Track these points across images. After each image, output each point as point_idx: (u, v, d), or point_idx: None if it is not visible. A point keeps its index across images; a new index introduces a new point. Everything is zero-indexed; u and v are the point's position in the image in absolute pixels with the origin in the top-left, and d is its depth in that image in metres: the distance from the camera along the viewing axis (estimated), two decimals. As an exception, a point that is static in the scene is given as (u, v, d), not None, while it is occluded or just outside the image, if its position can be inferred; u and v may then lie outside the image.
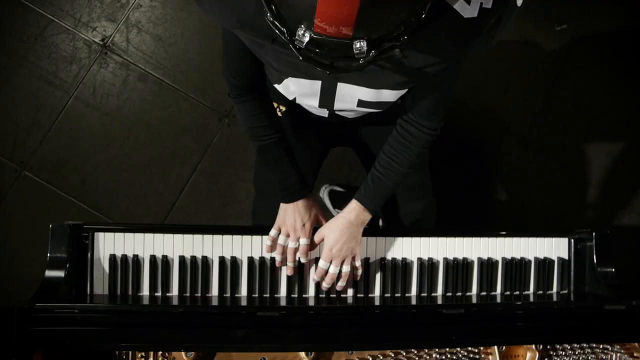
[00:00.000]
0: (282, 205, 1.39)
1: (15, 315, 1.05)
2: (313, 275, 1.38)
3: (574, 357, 1.29)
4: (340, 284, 1.37)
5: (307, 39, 0.84)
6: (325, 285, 1.37)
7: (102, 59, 2.33)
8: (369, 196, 1.37)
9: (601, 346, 1.30)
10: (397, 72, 1.12)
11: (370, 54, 0.86)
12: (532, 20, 2.53)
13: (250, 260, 1.35)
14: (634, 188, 2.53)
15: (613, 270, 1.45)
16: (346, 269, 1.36)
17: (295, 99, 1.36)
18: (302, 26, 0.84)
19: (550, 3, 2.55)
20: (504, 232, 1.48)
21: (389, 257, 1.41)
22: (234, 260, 1.35)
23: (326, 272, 1.36)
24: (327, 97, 1.26)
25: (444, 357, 1.22)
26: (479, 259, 1.46)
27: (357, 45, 0.84)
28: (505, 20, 1.05)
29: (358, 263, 1.38)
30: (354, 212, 1.37)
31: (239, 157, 2.32)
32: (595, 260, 1.46)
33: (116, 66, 2.33)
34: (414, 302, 1.38)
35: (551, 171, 2.49)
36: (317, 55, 0.87)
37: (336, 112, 1.38)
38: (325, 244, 1.37)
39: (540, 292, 1.49)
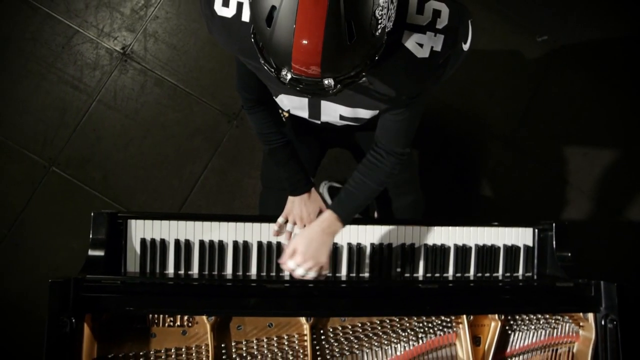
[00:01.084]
0: (290, 198, 1.61)
1: (72, 285, 1.28)
2: (283, 266, 1.50)
3: (531, 326, 1.53)
4: (300, 275, 1.48)
5: (289, 77, 1.08)
6: (293, 275, 1.50)
7: (123, 66, 2.54)
8: (342, 208, 1.52)
9: (554, 317, 1.53)
10: (368, 96, 1.34)
11: (337, 87, 1.09)
12: (516, 32, 2.70)
13: (259, 244, 1.59)
14: (608, 185, 2.68)
15: (569, 254, 1.67)
16: (312, 275, 1.47)
17: (289, 110, 1.59)
18: (285, 68, 1.07)
19: (532, 16, 2.71)
20: (477, 222, 1.71)
21: (377, 243, 1.64)
22: (245, 244, 1.58)
23: (292, 271, 1.48)
24: (314, 111, 1.49)
25: (421, 324, 1.46)
26: (455, 245, 1.69)
27: (326, 82, 1.08)
28: (453, 61, 1.27)
29: (324, 272, 1.48)
30: (327, 221, 1.51)
31: (246, 156, 2.51)
32: (554, 247, 1.69)
33: (135, 72, 2.54)
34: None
35: (532, 170, 2.65)
36: (299, 87, 1.10)
37: (325, 123, 1.61)
38: (298, 249, 1.47)
39: (508, 274, 1.71)
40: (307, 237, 1.48)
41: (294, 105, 1.51)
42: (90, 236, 1.49)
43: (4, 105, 2.46)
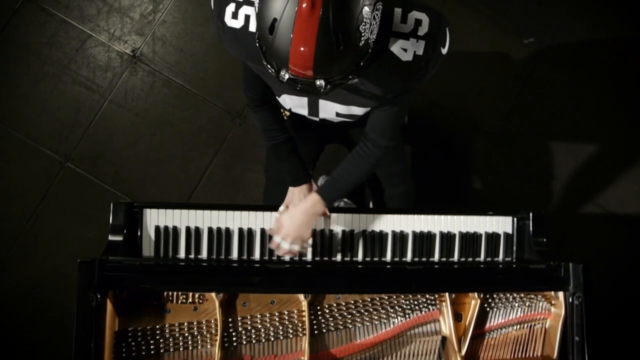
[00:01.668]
0: (291, 189, 1.78)
1: (97, 265, 1.45)
2: (270, 245, 1.70)
3: (508, 304, 1.69)
4: (285, 250, 1.69)
5: (287, 77, 1.25)
6: (277, 253, 1.70)
7: (133, 67, 2.71)
8: (327, 191, 1.70)
9: (528, 296, 1.69)
10: (360, 95, 1.51)
11: (328, 87, 1.26)
12: (503, 34, 2.85)
13: (262, 230, 1.76)
14: (589, 179, 2.82)
15: (544, 240, 1.83)
16: (296, 248, 1.68)
17: (291, 109, 1.76)
18: (283, 70, 1.25)
19: (519, 19, 2.86)
20: (461, 211, 1.87)
21: (370, 230, 1.81)
22: (250, 230, 1.75)
23: (278, 246, 1.68)
24: (313, 109, 1.66)
25: (408, 302, 1.62)
26: (441, 233, 1.85)
27: (318, 83, 1.25)
28: (433, 64, 1.44)
29: (305, 245, 1.69)
30: (310, 202, 1.68)
31: (249, 152, 2.67)
32: (531, 234, 1.85)
33: (144, 74, 2.71)
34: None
35: (518, 164, 2.80)
36: (293, 84, 1.28)
37: (324, 120, 1.78)
38: (284, 224, 1.67)
39: (489, 259, 1.87)
40: (292, 216, 1.67)
41: (295, 104, 1.67)
42: (110, 223, 1.66)
43: (23, 104, 2.63)
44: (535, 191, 2.81)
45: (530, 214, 1.86)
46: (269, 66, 1.28)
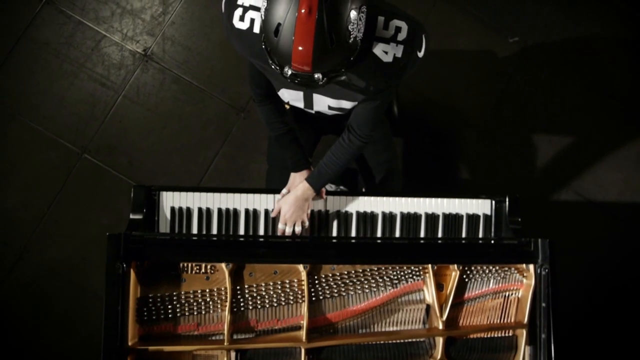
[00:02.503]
0: (292, 174, 1.99)
1: (122, 238, 1.66)
2: (278, 232, 1.96)
3: (484, 276, 1.89)
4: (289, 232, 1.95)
5: (289, 73, 1.47)
6: (279, 234, 1.95)
7: (144, 65, 2.91)
8: (314, 179, 1.94)
9: (503, 269, 1.89)
10: (349, 89, 1.72)
11: (324, 80, 1.48)
12: (489, 33, 3.01)
13: (266, 210, 1.97)
14: (570, 168, 2.99)
15: (519, 219, 2.04)
16: (297, 229, 1.94)
17: (289, 102, 1.97)
18: (286, 66, 1.46)
19: (505, 20, 3.03)
20: (444, 194, 2.08)
21: (362, 210, 2.02)
22: (255, 211, 1.96)
23: (283, 231, 1.95)
24: (308, 102, 1.88)
25: (395, 273, 1.83)
26: (425, 214, 2.06)
27: (316, 77, 1.47)
28: (411, 65, 1.66)
29: (305, 225, 1.95)
30: (300, 189, 1.93)
31: (252, 144, 2.86)
32: (507, 215, 2.06)
33: (155, 71, 2.91)
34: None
35: (502, 155, 2.96)
36: (294, 79, 1.49)
37: (319, 112, 1.99)
38: (281, 212, 1.94)
39: (472, 242, 2.08)
40: (287, 203, 1.93)
41: (292, 97, 1.88)
42: (132, 203, 1.87)
43: (43, 100, 2.83)
44: (518, 180, 2.98)
45: (507, 198, 2.07)
46: (273, 64, 1.50)
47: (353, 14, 1.43)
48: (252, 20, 1.63)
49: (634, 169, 3.02)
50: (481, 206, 2.10)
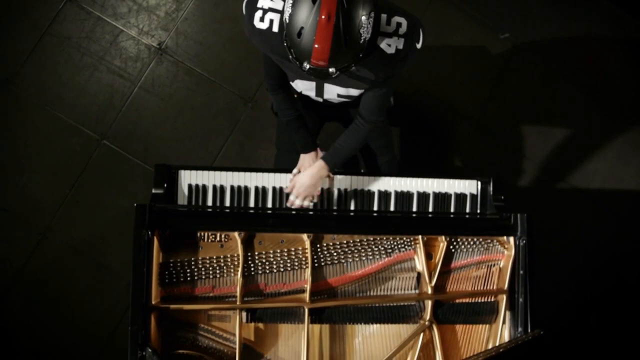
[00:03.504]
0: (302, 156, 2.21)
1: (147, 209, 1.87)
2: (288, 203, 2.17)
3: (469, 247, 2.10)
4: (298, 205, 2.16)
5: (307, 67, 1.70)
6: (288, 205, 2.16)
7: (159, 58, 3.11)
8: (330, 158, 2.15)
9: (486, 241, 2.10)
10: (357, 79, 1.94)
11: (337, 73, 1.71)
12: (482, 30, 3.19)
13: (274, 188, 2.18)
14: (557, 158, 3.16)
15: (502, 197, 2.24)
16: (306, 203, 2.15)
17: (301, 92, 2.19)
18: (306, 62, 1.68)
19: (496, 17, 3.20)
20: (434, 175, 2.28)
21: (359, 188, 2.23)
22: (264, 188, 2.18)
23: (293, 203, 2.16)
24: (319, 91, 2.09)
25: (389, 243, 2.04)
26: (417, 192, 2.27)
27: (331, 70, 1.70)
28: (411, 56, 1.87)
29: (315, 200, 2.16)
30: (316, 167, 2.14)
31: (259, 132, 3.05)
32: (491, 194, 2.27)
33: (169, 64, 3.11)
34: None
35: (493, 145, 3.13)
36: (313, 73, 1.71)
37: (327, 100, 2.21)
38: (296, 186, 2.14)
39: (458, 216, 2.29)
40: (302, 179, 2.13)
41: (305, 87, 2.10)
42: (153, 179, 2.08)
43: (66, 90, 3.04)
44: (508, 168, 3.15)
45: (491, 179, 2.27)
46: (294, 60, 1.73)
47: (364, 19, 1.67)
48: (271, 21, 1.86)
49: (616, 158, 3.19)
50: (468, 186, 2.30)
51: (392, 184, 2.25)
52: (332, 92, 2.10)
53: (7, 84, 3.02)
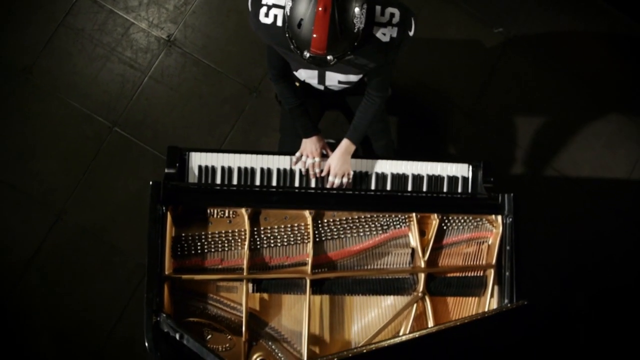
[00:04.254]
0: (304, 140, 2.35)
1: (162, 187, 2.02)
2: (326, 184, 2.34)
3: (459, 223, 2.25)
4: (338, 183, 2.33)
5: (308, 55, 1.85)
6: (328, 186, 2.33)
7: (168, 50, 3.26)
8: (352, 135, 2.32)
9: (476, 219, 2.25)
10: (355, 66, 2.09)
11: (335, 60, 1.86)
12: (476, 24, 3.31)
13: (278, 170, 2.34)
14: (548, 146, 3.27)
15: (492, 179, 2.39)
16: (345, 180, 2.32)
17: (304, 80, 2.34)
18: (306, 51, 1.84)
19: (490, 11, 3.33)
20: (428, 158, 2.43)
21: (358, 170, 2.38)
22: (269, 169, 2.33)
23: (333, 183, 2.32)
24: (321, 78, 2.25)
25: (385, 220, 2.20)
26: (412, 174, 2.41)
27: (329, 58, 1.86)
28: (405, 44, 2.03)
29: (350, 176, 2.33)
30: (344, 146, 2.32)
31: (264, 120, 3.19)
32: (481, 176, 2.42)
33: (177, 55, 3.26)
34: (371, 195, 2.35)
35: (485, 134, 3.25)
36: (312, 61, 1.87)
37: (328, 87, 2.36)
38: (332, 167, 2.32)
39: (450, 196, 2.44)
40: (335, 159, 2.32)
41: (308, 75, 2.26)
42: (166, 160, 2.23)
43: (79, 79, 3.18)
44: (500, 157, 3.27)
45: (482, 162, 2.42)
46: (295, 49, 1.88)
47: (357, 10, 1.83)
48: (275, 16, 2.02)
49: (604, 148, 3.33)
50: (460, 169, 2.44)
51: (388, 167, 2.40)
52: (333, 79, 2.25)
53: (24, 74, 3.17)
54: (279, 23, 2.01)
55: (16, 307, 3.05)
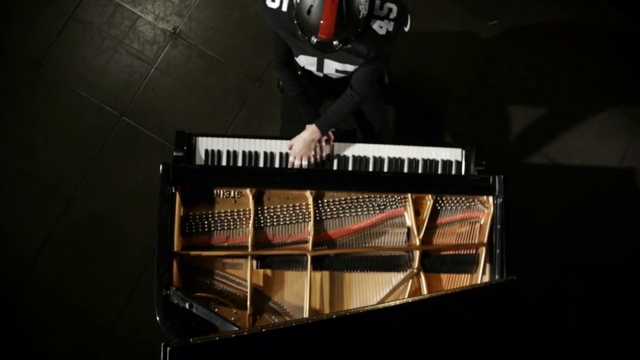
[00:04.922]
0: (307, 126, 2.44)
1: (172, 168, 2.14)
2: (289, 164, 2.43)
3: (453, 204, 2.37)
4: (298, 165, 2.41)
5: (315, 41, 1.96)
6: (289, 166, 2.42)
7: (174, 42, 3.38)
8: (321, 123, 2.40)
9: (468, 200, 2.37)
10: (352, 56, 2.21)
11: (340, 46, 1.97)
12: (471, 17, 3.41)
13: (281, 153, 2.45)
14: (542, 136, 3.35)
15: (483, 162, 2.50)
16: (304, 163, 2.41)
17: (304, 67, 2.46)
18: (313, 36, 1.95)
19: (485, 4, 3.43)
20: (422, 143, 2.55)
21: (356, 154, 2.50)
22: (272, 153, 2.45)
23: (293, 163, 2.42)
24: (319, 66, 2.36)
25: (382, 200, 2.32)
26: (408, 158, 2.53)
27: (334, 43, 1.97)
28: (399, 37, 2.14)
29: (311, 161, 2.41)
30: (309, 131, 2.39)
31: (266, 109, 3.29)
32: (474, 160, 2.53)
33: (183, 47, 3.37)
34: (369, 177, 2.47)
35: (480, 123, 3.33)
36: (319, 46, 1.98)
37: (327, 75, 2.47)
38: (293, 147, 2.40)
39: (443, 178, 2.55)
40: (298, 141, 2.40)
41: (308, 62, 2.37)
42: (175, 143, 2.35)
43: (88, 71, 3.30)
44: (494, 146, 3.35)
45: (474, 147, 2.54)
46: (302, 35, 1.99)
47: None
48: (281, 1, 2.13)
49: (596, 137, 3.42)
50: (453, 154, 2.55)
51: (385, 151, 2.52)
52: (331, 67, 2.37)
53: (36, 65, 3.28)
54: (284, 8, 2.12)
55: (29, 289, 3.17)
